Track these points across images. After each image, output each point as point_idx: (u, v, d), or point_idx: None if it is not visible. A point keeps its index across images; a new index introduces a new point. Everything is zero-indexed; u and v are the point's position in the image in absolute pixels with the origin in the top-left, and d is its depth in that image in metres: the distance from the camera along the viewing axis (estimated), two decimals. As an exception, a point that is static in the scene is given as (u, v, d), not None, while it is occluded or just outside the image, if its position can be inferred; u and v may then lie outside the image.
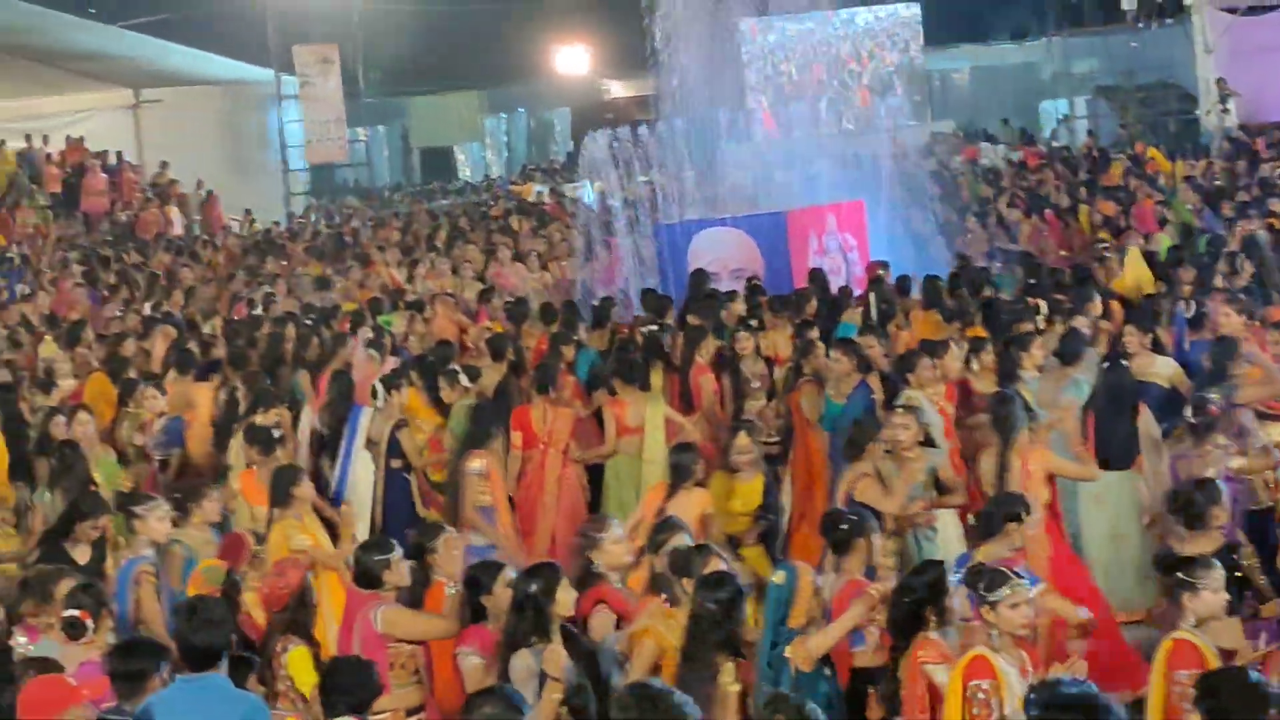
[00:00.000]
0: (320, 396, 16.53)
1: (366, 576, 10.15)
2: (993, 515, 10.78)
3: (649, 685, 7.50)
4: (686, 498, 12.24)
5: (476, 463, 13.60)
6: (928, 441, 12.88)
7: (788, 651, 9.27)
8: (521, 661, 9.05)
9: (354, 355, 17.59)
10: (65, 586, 9.90)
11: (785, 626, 9.47)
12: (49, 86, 42.99)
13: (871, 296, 19.00)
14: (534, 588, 9.25)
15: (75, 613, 9.61)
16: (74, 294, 26.66)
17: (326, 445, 15.91)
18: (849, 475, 12.36)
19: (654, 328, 17.62)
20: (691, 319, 18.10)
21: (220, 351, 18.93)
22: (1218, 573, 9.01)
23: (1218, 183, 30.15)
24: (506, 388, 16.37)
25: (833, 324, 17.81)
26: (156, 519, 11.52)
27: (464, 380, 15.85)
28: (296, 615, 9.79)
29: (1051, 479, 12.48)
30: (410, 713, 10.04)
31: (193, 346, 19.11)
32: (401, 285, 25.30)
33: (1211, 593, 8.90)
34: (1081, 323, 15.65)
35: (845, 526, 10.31)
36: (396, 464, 15.18)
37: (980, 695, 8.50)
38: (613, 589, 10.41)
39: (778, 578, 9.66)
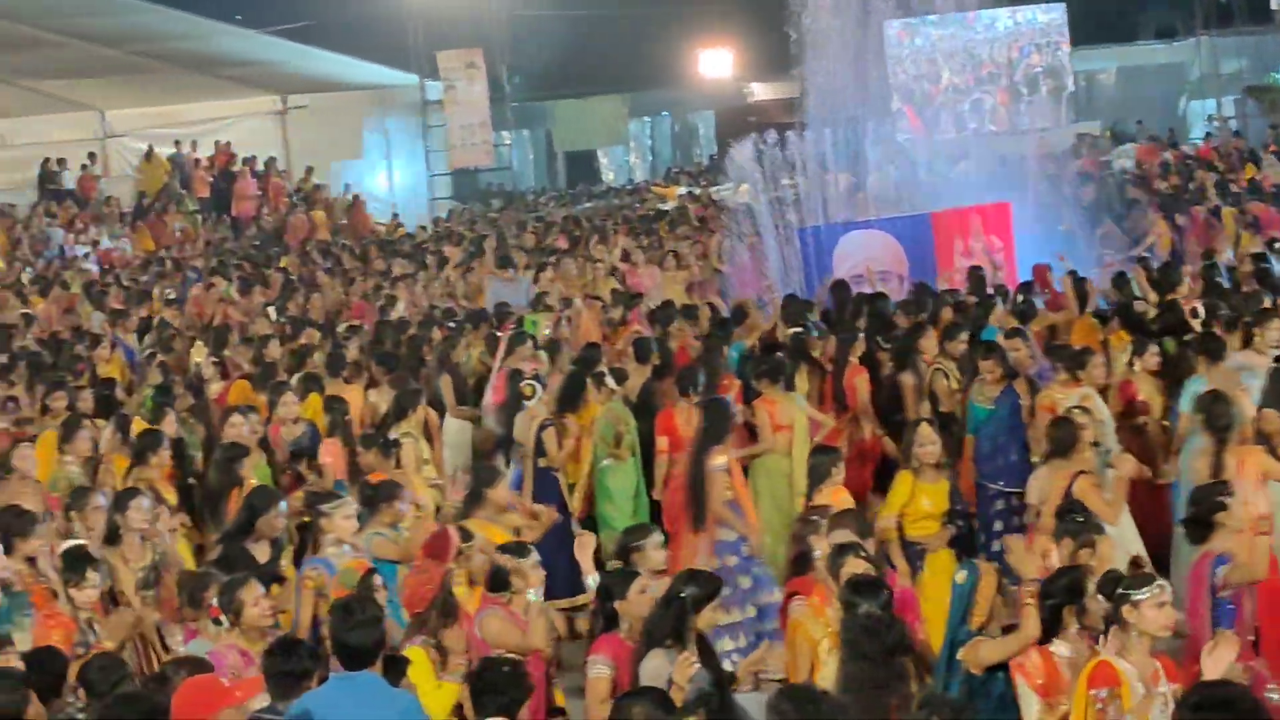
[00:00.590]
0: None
1: (497, 578, 10.09)
2: (1196, 518, 10.28)
3: (803, 688, 7.45)
4: (825, 500, 11.98)
5: (720, 459, 13.59)
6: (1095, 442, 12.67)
7: (961, 654, 9.16)
8: (653, 663, 8.88)
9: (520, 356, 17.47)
10: (215, 589, 10.01)
11: (966, 626, 9.37)
12: (197, 92, 43.62)
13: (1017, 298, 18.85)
14: (688, 592, 9.07)
15: (214, 605, 9.75)
16: (208, 298, 26.87)
17: (501, 445, 15.86)
18: (1060, 472, 12.05)
19: (799, 329, 17.53)
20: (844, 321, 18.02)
21: (352, 354, 18.89)
22: None
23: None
24: (651, 390, 16.33)
25: (980, 326, 17.66)
26: (343, 517, 11.38)
27: (610, 383, 15.85)
28: (440, 614, 9.76)
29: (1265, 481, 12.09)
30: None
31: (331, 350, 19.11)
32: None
33: None
34: (1275, 326, 15.25)
35: (1079, 521, 10.06)
36: (543, 462, 15.22)
37: (1098, 705, 8.32)
38: (814, 581, 10.24)
39: (959, 576, 9.56)
